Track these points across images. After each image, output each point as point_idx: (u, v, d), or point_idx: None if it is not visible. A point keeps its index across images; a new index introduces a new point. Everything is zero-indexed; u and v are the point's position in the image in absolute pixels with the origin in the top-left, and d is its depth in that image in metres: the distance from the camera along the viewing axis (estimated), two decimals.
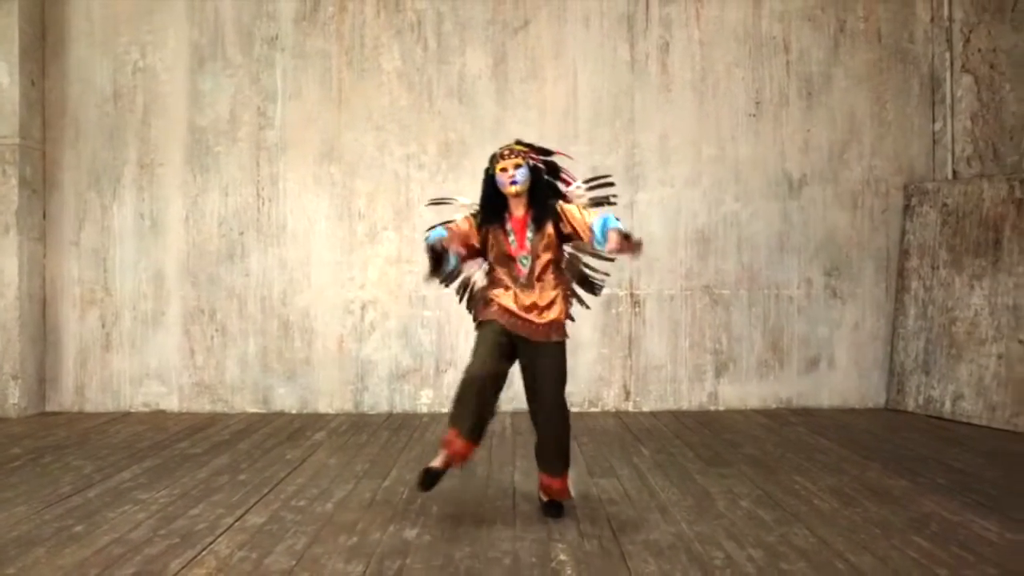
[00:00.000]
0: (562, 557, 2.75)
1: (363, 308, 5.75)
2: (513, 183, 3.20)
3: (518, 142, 3.33)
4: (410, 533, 3.02)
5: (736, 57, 5.83)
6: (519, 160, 3.21)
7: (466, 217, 3.35)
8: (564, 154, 3.45)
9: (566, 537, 2.96)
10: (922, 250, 5.63)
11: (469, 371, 3.21)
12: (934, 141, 5.84)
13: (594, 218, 3.15)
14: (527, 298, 3.24)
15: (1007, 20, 5.49)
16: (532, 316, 3.22)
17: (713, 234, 5.80)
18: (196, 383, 5.74)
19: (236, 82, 5.79)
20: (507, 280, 3.29)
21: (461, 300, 3.54)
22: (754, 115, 5.82)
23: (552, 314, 3.24)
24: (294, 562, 2.72)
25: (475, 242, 3.31)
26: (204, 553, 2.81)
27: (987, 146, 5.56)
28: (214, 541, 2.94)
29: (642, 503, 3.40)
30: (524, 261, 3.26)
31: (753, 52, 5.83)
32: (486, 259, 3.37)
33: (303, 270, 5.76)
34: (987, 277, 5.19)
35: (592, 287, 3.53)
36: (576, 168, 5.72)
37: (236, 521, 3.18)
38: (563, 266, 3.39)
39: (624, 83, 5.81)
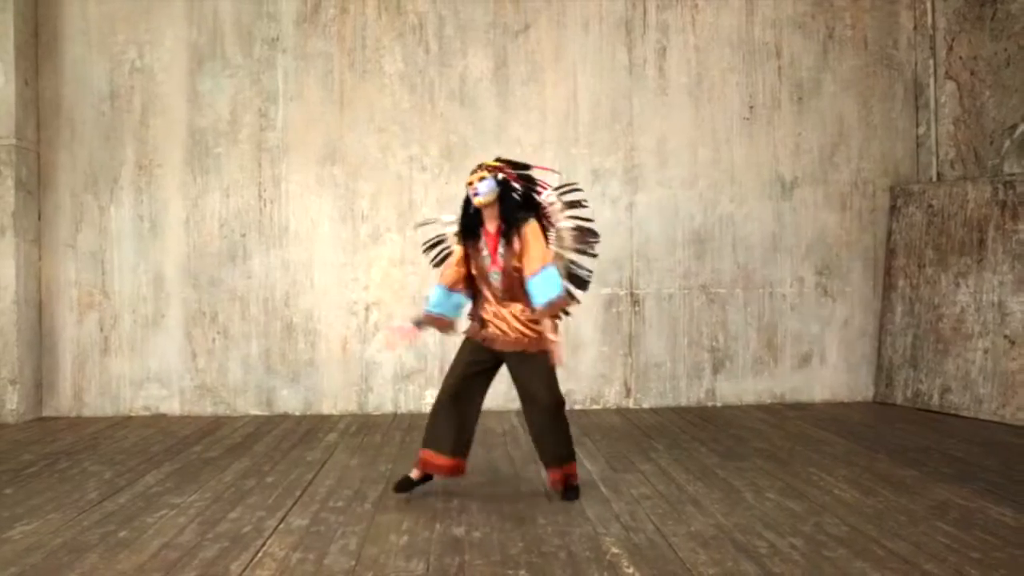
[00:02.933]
0: (615, 550, 2.84)
1: (367, 309, 5.77)
2: (476, 195, 3.40)
3: (497, 159, 3.54)
4: (458, 531, 3.08)
5: (730, 62, 5.99)
6: (483, 173, 3.41)
7: (454, 248, 3.59)
8: (546, 168, 3.70)
9: (611, 531, 3.06)
10: (908, 249, 5.86)
11: (439, 394, 3.56)
12: (918, 144, 6.08)
13: (536, 271, 3.34)
14: (504, 311, 3.46)
15: (987, 29, 5.75)
16: (509, 328, 3.44)
17: (709, 235, 5.95)
18: (198, 386, 5.70)
19: (236, 83, 5.76)
20: (487, 294, 3.51)
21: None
22: (748, 119, 5.99)
23: (519, 325, 3.44)
24: (353, 562, 2.77)
25: (467, 270, 3.54)
26: (260, 555, 2.84)
27: (968, 150, 5.82)
28: (264, 543, 2.96)
29: (673, 497, 3.52)
30: (495, 277, 3.46)
31: (747, 57, 6.00)
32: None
33: (306, 272, 5.76)
34: (972, 275, 5.44)
35: (580, 282, 3.66)
36: (576, 171, 5.86)
37: (280, 523, 3.20)
38: None
39: (623, 87, 5.93)
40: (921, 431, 4.88)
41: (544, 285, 3.33)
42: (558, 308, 3.37)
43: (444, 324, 3.60)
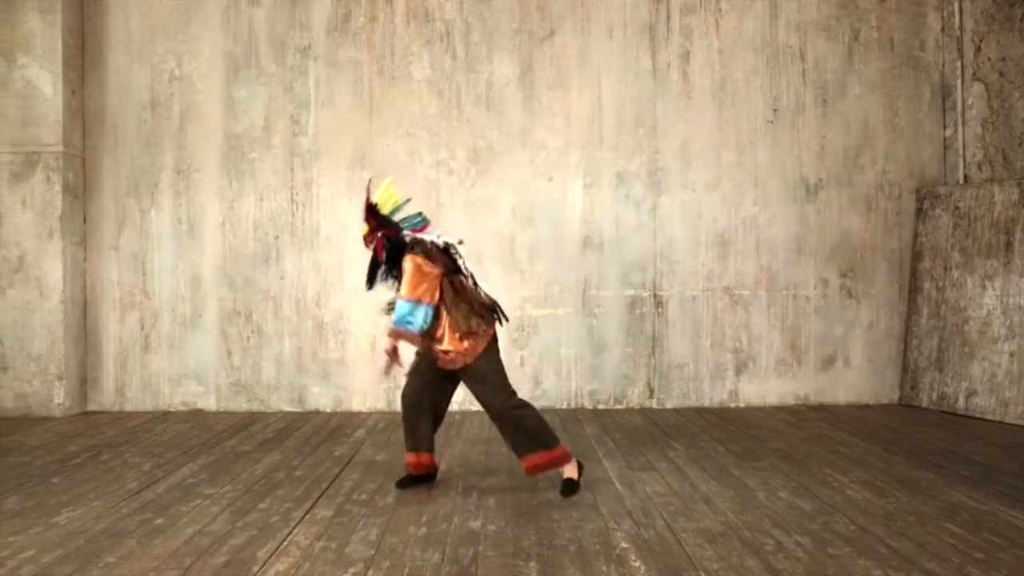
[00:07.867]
0: (624, 544, 2.94)
1: None
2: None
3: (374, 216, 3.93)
4: (475, 523, 3.21)
5: (754, 66, 6.03)
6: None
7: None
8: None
9: (622, 526, 3.16)
10: (934, 252, 5.84)
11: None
12: (945, 146, 6.05)
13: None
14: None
15: (1016, 30, 5.71)
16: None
17: (733, 237, 6.00)
18: (233, 383, 5.91)
19: (270, 90, 5.96)
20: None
21: None
22: (772, 122, 6.02)
23: (442, 345, 3.71)
24: (373, 551, 2.91)
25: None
26: (286, 543, 2.99)
27: (997, 151, 5.78)
28: (291, 532, 3.12)
29: (686, 494, 3.60)
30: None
31: (770, 61, 6.03)
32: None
33: (336, 272, 5.94)
34: (999, 278, 5.41)
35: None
36: (601, 174, 5.95)
37: (306, 514, 3.36)
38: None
39: (646, 91, 6.00)
40: (943, 434, 4.88)
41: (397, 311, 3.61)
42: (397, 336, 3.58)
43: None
